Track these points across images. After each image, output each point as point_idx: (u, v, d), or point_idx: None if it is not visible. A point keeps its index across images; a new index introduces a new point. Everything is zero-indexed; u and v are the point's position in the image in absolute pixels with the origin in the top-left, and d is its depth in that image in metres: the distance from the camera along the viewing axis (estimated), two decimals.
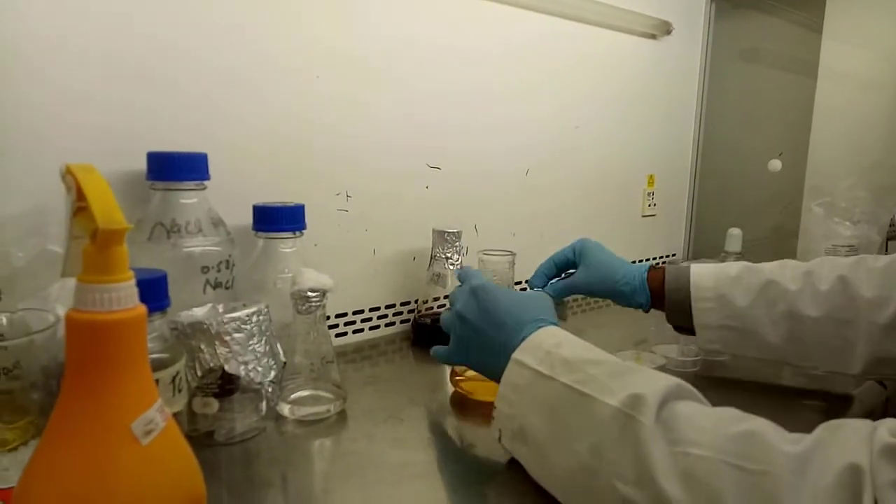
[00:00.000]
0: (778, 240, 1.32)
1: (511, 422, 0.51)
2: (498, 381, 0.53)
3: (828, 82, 1.21)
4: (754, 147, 1.34)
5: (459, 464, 0.57)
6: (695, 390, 0.46)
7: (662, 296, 0.73)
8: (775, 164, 1.27)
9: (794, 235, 1.05)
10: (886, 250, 1.04)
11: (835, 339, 0.65)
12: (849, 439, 0.37)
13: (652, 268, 0.75)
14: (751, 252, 1.22)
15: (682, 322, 0.73)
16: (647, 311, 0.76)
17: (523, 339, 0.53)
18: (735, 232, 1.21)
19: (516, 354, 0.52)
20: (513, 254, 0.75)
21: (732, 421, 0.41)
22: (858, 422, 0.38)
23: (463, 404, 0.68)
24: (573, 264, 0.78)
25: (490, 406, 0.54)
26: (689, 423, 0.41)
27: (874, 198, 0.95)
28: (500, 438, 0.53)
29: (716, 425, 0.40)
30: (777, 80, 1.32)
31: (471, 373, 0.68)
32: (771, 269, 0.70)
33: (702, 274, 0.72)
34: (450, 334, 0.60)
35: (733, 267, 0.72)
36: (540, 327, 0.54)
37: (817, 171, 1.21)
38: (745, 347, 0.71)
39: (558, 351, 0.50)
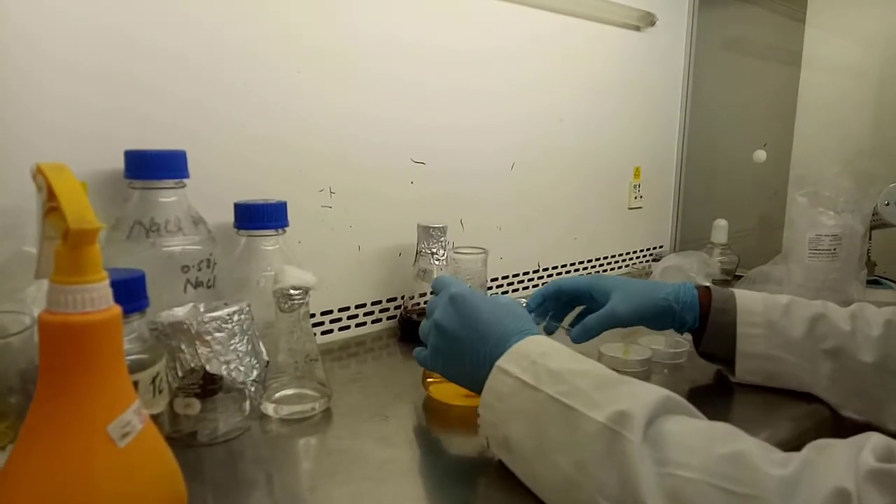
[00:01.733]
0: (764, 230, 1.32)
1: (495, 430, 0.50)
2: (477, 391, 0.52)
3: (811, 72, 1.21)
4: (739, 138, 1.34)
5: (445, 461, 0.57)
6: (685, 402, 0.45)
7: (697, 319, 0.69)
8: (760, 155, 1.27)
9: (780, 226, 1.06)
10: (870, 239, 1.05)
11: (881, 389, 0.62)
12: (836, 462, 0.36)
13: (696, 286, 0.70)
14: (737, 243, 1.23)
15: (716, 349, 0.69)
16: (682, 333, 0.71)
17: (507, 348, 0.51)
18: (721, 223, 1.22)
19: (500, 362, 0.50)
20: (485, 251, 0.73)
21: (721, 440, 0.40)
22: (845, 443, 0.38)
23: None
24: (586, 296, 0.71)
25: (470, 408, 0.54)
26: (677, 443, 0.40)
27: (858, 187, 0.95)
28: (487, 445, 0.52)
29: (704, 445, 0.40)
30: (761, 71, 1.32)
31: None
32: (819, 304, 0.67)
33: (749, 298, 0.68)
34: (427, 343, 0.59)
35: (782, 297, 0.68)
36: (524, 337, 0.52)
37: (802, 161, 1.21)
38: (788, 382, 0.67)
39: (544, 361, 0.49)
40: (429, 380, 0.68)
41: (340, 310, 0.87)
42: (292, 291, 0.60)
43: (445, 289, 0.58)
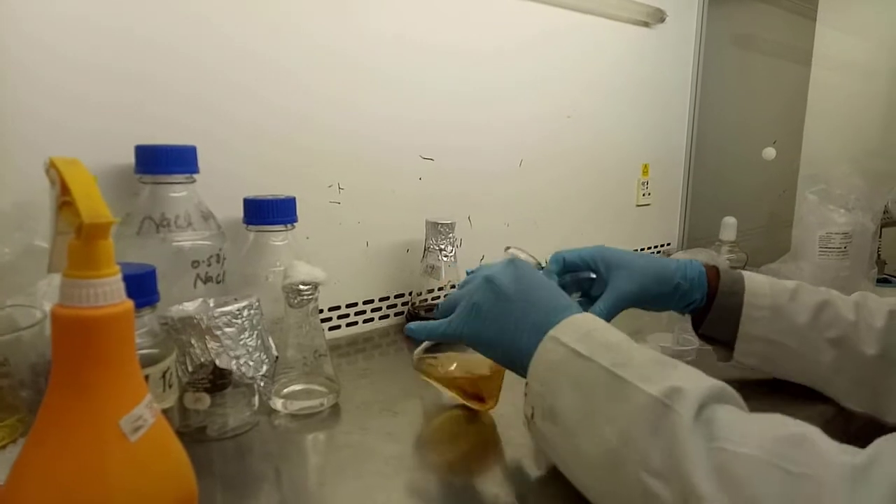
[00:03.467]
0: (773, 228, 1.32)
1: (542, 400, 0.47)
2: (509, 360, 0.51)
3: (822, 69, 1.21)
4: (749, 135, 1.34)
5: (454, 456, 0.57)
6: (738, 396, 0.43)
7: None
8: (770, 152, 1.26)
9: (789, 223, 1.05)
10: (880, 237, 1.04)
11: (882, 381, 0.61)
12: None
13: (703, 265, 0.68)
14: (746, 240, 1.22)
15: (719, 331, 0.68)
16: (685, 313, 0.69)
17: (560, 319, 0.49)
18: (730, 220, 1.22)
19: (553, 332, 0.48)
20: (540, 266, 0.67)
21: (780, 425, 0.38)
22: None
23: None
24: (588, 269, 0.68)
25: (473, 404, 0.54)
26: (732, 424, 0.38)
27: (869, 185, 0.95)
28: (532, 416, 0.49)
29: (761, 428, 0.38)
30: (771, 68, 1.32)
31: (444, 368, 0.63)
32: (823, 290, 0.66)
33: (757, 281, 0.67)
34: (457, 306, 0.55)
35: (789, 282, 0.67)
36: (577, 313, 0.51)
37: (812, 159, 1.21)
38: (786, 368, 0.66)
39: (598, 335, 0.47)
40: (429, 363, 0.64)
41: (348, 305, 0.87)
42: (302, 287, 0.60)
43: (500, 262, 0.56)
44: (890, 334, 0.62)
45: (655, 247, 1.40)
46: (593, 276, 0.68)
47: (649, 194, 1.35)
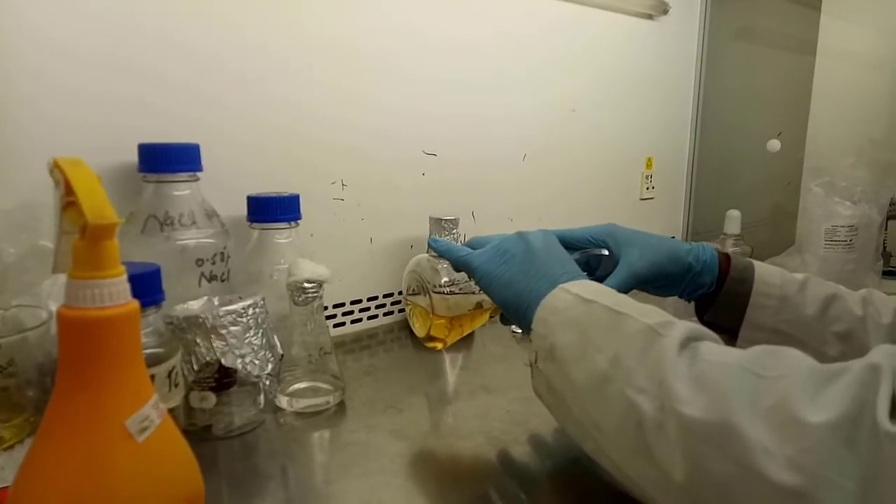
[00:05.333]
0: (777, 221, 1.31)
1: (543, 341, 0.49)
2: (518, 302, 0.52)
3: (827, 61, 1.20)
4: (753, 127, 1.33)
5: (460, 453, 0.57)
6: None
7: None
8: (774, 144, 1.26)
9: (794, 216, 1.05)
10: (886, 229, 1.04)
11: None
12: (875, 352, 0.35)
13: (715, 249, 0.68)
14: (750, 233, 1.22)
15: (724, 319, 0.66)
16: (692, 299, 0.68)
17: (576, 277, 0.52)
18: (734, 213, 1.21)
19: (565, 284, 0.50)
20: None
21: (763, 347, 0.40)
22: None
23: (463, 393, 0.68)
24: (596, 247, 0.69)
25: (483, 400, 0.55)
26: (716, 348, 0.41)
27: (874, 177, 0.94)
28: (535, 361, 0.50)
29: (745, 353, 0.40)
30: (776, 60, 1.31)
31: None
32: (832, 284, 0.65)
33: (767, 270, 0.66)
34: (486, 246, 0.58)
35: (798, 274, 0.66)
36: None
37: (817, 151, 1.20)
38: None
39: (606, 290, 0.49)
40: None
41: (352, 302, 0.87)
42: (306, 285, 0.60)
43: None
44: (895, 332, 0.61)
45: None
46: (605, 252, 0.68)
47: (653, 188, 1.34)
